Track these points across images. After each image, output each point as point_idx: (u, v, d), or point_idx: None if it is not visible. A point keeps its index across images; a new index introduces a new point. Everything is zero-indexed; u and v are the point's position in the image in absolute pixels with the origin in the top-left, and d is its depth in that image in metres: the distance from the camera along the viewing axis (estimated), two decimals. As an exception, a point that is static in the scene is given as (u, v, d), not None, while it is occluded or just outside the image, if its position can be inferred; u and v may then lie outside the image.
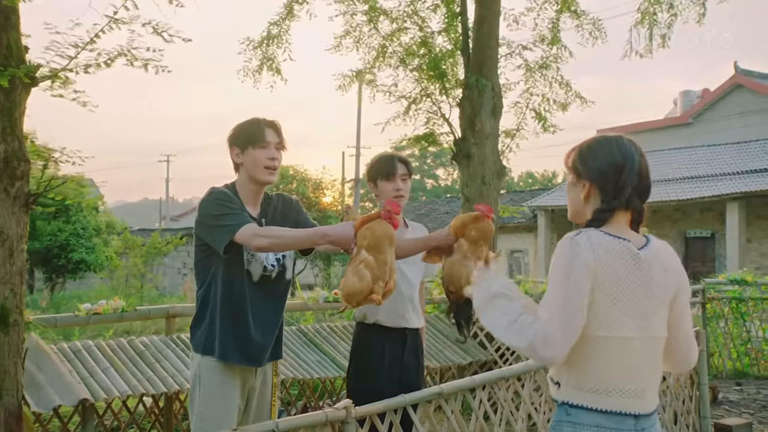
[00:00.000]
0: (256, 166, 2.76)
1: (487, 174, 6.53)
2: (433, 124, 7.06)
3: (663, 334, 1.98)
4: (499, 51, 6.99)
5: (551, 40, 7.84)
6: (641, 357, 1.94)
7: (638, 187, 1.98)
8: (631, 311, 1.90)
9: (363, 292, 2.43)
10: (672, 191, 21.98)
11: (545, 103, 7.46)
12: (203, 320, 2.72)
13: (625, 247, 1.92)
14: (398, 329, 3.31)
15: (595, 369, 1.92)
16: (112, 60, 4.73)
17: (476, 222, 2.86)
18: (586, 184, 2.00)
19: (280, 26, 7.66)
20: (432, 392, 3.24)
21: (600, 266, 1.87)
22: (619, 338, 1.89)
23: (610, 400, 1.92)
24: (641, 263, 1.93)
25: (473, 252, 2.86)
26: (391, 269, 2.48)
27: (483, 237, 2.86)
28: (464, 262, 2.85)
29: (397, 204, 2.53)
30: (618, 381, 1.92)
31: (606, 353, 1.90)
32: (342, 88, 7.94)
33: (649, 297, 1.93)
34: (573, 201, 2.07)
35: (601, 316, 1.88)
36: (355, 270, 2.44)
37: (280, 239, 2.56)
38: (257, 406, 2.83)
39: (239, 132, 2.79)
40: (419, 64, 7.06)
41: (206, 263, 2.71)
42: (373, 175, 3.40)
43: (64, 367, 4.33)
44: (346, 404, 2.81)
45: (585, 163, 2.01)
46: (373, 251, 2.43)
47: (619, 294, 1.89)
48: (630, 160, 1.97)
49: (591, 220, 1.98)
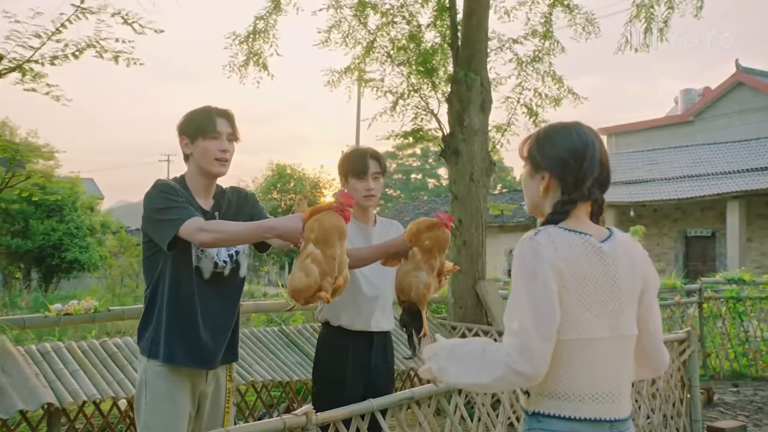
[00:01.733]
0: (207, 158, 2.61)
1: (476, 171, 6.37)
2: (421, 120, 6.91)
3: (633, 332, 1.84)
4: (489, 45, 6.84)
5: (544, 34, 7.70)
6: (613, 358, 1.80)
7: (599, 177, 1.84)
8: (600, 310, 1.77)
9: (310, 288, 2.27)
10: (672, 190, 21.81)
11: (537, 98, 7.29)
12: (150, 321, 2.56)
13: (587, 242, 1.79)
14: (364, 332, 3.15)
15: (566, 374, 1.78)
16: (80, 51, 4.60)
17: (431, 230, 2.75)
18: (546, 175, 1.85)
19: (266, 21, 7.50)
20: (403, 396, 3.08)
21: (564, 265, 1.74)
22: (590, 340, 1.76)
23: (583, 407, 1.78)
24: (605, 258, 1.79)
25: (426, 261, 2.77)
26: (341, 264, 2.33)
27: (437, 246, 2.76)
28: (415, 273, 2.77)
29: (350, 196, 2.38)
30: (590, 385, 1.78)
31: (576, 357, 1.77)
32: (330, 84, 7.79)
33: (617, 293, 1.79)
34: (531, 195, 1.91)
35: (570, 318, 1.75)
36: (302, 265, 2.28)
37: (224, 234, 2.41)
38: (210, 412, 2.67)
39: (189, 121, 2.62)
40: (407, 59, 6.90)
41: (153, 261, 2.56)
42: (344, 171, 3.23)
43: (30, 370, 4.18)
44: (306, 410, 2.66)
45: (543, 152, 1.86)
46: (321, 245, 2.28)
47: (586, 293, 1.75)
48: (591, 146, 1.82)
49: (552, 214, 1.83)
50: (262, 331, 5.44)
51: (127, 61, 4.68)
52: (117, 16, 4.41)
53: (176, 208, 2.43)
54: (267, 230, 2.42)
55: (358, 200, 3.19)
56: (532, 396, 1.85)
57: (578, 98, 7.90)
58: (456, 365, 1.82)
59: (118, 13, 4.43)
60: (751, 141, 23.03)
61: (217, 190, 2.70)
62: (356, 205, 3.23)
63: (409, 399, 3.09)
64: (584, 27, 7.91)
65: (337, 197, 2.36)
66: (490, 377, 1.72)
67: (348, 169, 3.20)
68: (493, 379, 1.72)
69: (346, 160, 3.24)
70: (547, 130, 1.90)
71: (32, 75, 4.55)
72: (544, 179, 1.85)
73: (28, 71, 4.30)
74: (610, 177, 1.88)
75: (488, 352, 1.75)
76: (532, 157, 1.89)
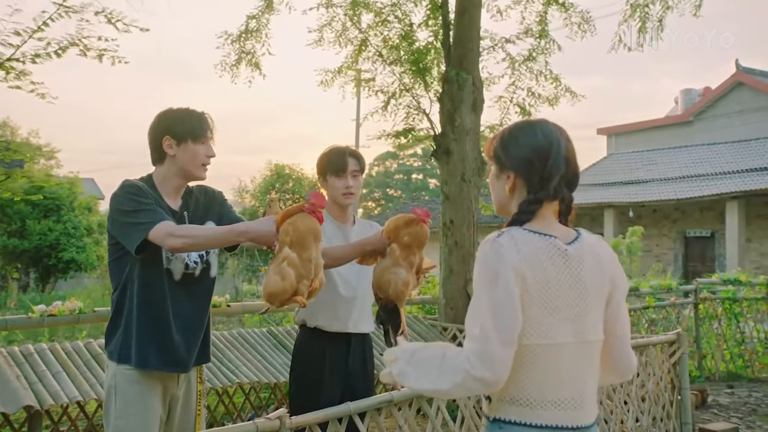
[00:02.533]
0: (194, 162, 2.57)
1: (468, 171, 6.32)
2: (412, 119, 6.86)
3: (598, 337, 1.79)
4: (481, 44, 6.79)
5: (539, 33, 7.65)
6: (576, 364, 1.74)
7: (566, 175, 1.79)
8: (563, 315, 1.71)
9: (286, 291, 2.26)
10: (671, 190, 21.75)
11: (530, 98, 7.24)
12: (119, 326, 2.51)
13: (552, 244, 1.73)
14: (341, 334, 3.10)
15: (527, 380, 1.72)
16: (62, 50, 4.56)
17: (409, 226, 2.72)
18: (511, 174, 1.81)
19: (259, 20, 7.46)
20: (381, 400, 3.03)
21: (527, 268, 1.68)
22: (552, 345, 1.70)
23: (545, 413, 1.72)
24: (570, 260, 1.73)
25: (405, 258, 2.73)
26: (317, 267, 2.32)
27: (416, 242, 2.72)
28: (394, 269, 2.73)
29: (322, 196, 2.34)
30: (552, 391, 1.72)
31: (538, 362, 1.71)
32: (324, 84, 7.74)
33: (582, 297, 1.73)
34: (497, 195, 1.88)
35: (532, 322, 1.69)
36: (278, 268, 2.26)
37: (195, 239, 2.37)
38: (181, 416, 2.62)
39: (178, 122, 2.55)
40: (398, 58, 6.85)
41: (121, 263, 2.50)
42: (322, 169, 3.19)
43: (11, 372, 4.14)
44: (279, 413, 2.61)
45: (507, 151, 1.82)
46: (297, 248, 2.26)
47: (549, 297, 1.70)
48: (556, 144, 1.78)
49: (518, 213, 1.78)
50: (250, 332, 5.40)
51: (112, 60, 4.65)
52: (100, 15, 4.36)
53: (144, 211, 2.38)
54: (239, 234, 2.39)
55: (337, 198, 3.15)
56: (493, 402, 1.79)
57: (576, 96, 7.85)
58: (416, 370, 1.77)
59: (102, 12, 4.38)
60: (750, 141, 22.98)
61: (184, 190, 2.65)
62: (335, 204, 3.19)
63: (388, 402, 3.05)
64: (580, 26, 7.87)
65: (309, 198, 2.32)
66: (450, 383, 1.68)
67: (327, 168, 3.16)
68: (452, 386, 1.67)
69: (325, 158, 3.20)
70: (511, 128, 1.86)
71: (16, 73, 4.50)
72: (510, 179, 1.81)
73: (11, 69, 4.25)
74: (578, 175, 1.84)
75: (448, 357, 1.71)
76: (497, 157, 1.85)
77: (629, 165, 25.55)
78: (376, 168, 55.34)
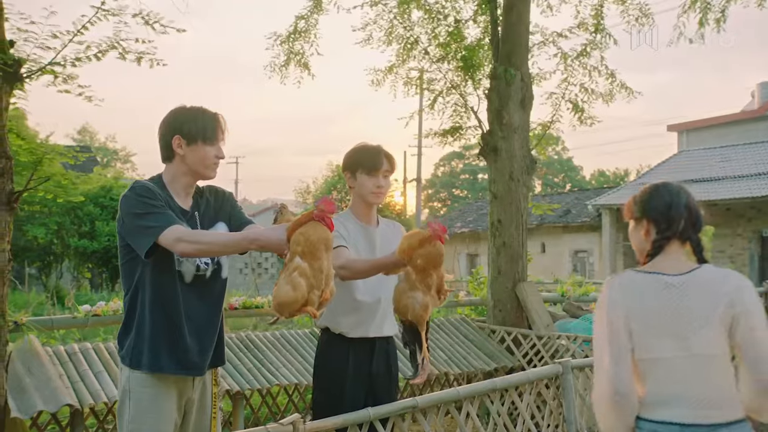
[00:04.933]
0: (205, 162, 2.55)
1: (516, 169, 6.15)
2: (460, 117, 6.73)
3: (709, 351, 2.15)
4: (531, 39, 6.61)
5: (595, 27, 7.40)
6: (688, 372, 2.15)
7: (689, 218, 2.28)
8: (662, 333, 2.17)
9: (297, 302, 2.23)
10: (746, 188, 20.84)
11: (583, 94, 7.01)
12: (130, 329, 2.49)
13: (656, 279, 2.22)
14: (365, 338, 3.02)
15: (646, 386, 2.20)
16: (102, 53, 4.62)
17: (422, 246, 2.62)
18: (644, 222, 2.33)
19: (307, 20, 7.46)
20: (405, 405, 2.95)
21: (629, 300, 2.20)
22: (657, 359, 2.17)
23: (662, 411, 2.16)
24: (672, 290, 2.19)
25: (422, 281, 2.67)
26: (328, 277, 2.29)
27: (431, 264, 2.64)
28: (411, 293, 2.68)
29: (332, 202, 2.28)
30: (669, 394, 2.16)
31: (652, 373, 2.18)
32: (375, 83, 7.68)
33: (681, 318, 2.16)
34: (637, 243, 2.38)
35: (639, 341, 2.18)
36: (289, 278, 2.23)
37: (206, 245, 2.36)
38: (196, 419, 2.58)
39: (189, 121, 2.52)
40: (446, 54, 6.74)
41: (132, 265, 2.48)
42: (352, 166, 3.11)
43: (54, 371, 4.22)
44: (293, 419, 2.56)
45: (641, 207, 2.35)
46: (308, 258, 2.23)
47: (648, 320, 2.17)
48: (677, 197, 2.30)
49: (649, 250, 2.29)
50: (293, 333, 5.38)
51: (151, 62, 4.67)
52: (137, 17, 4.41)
53: (155, 214, 2.36)
54: (250, 242, 2.38)
55: (366, 196, 3.08)
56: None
57: (632, 93, 7.57)
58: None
59: (139, 14, 4.43)
60: (832, 136, 21.85)
61: (195, 190, 2.62)
62: (361, 203, 3.12)
63: (412, 408, 2.96)
64: (638, 18, 7.59)
65: (318, 204, 2.27)
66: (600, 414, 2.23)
67: (358, 164, 3.09)
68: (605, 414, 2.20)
69: (357, 154, 3.12)
70: (643, 192, 2.38)
71: (63, 77, 4.59)
72: (644, 226, 2.33)
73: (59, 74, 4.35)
74: (701, 219, 2.31)
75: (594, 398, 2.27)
76: (632, 212, 2.39)
77: (701, 162, 24.63)
78: (441, 168, 55.08)
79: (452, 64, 6.70)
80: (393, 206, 27.64)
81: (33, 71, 4.14)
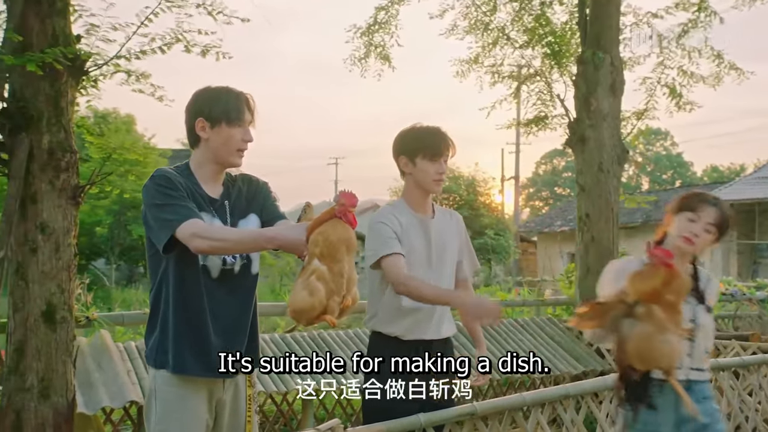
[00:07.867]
0: (228, 147, 2.34)
1: (606, 159, 5.74)
2: (545, 105, 6.37)
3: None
4: (622, 20, 6.17)
5: (698, 5, 6.85)
6: None
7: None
8: None
9: (314, 309, 2.02)
10: None
11: (682, 77, 6.49)
12: (155, 328, 2.34)
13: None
14: (421, 341, 2.77)
15: None
16: (168, 45, 4.58)
17: (670, 283, 2.29)
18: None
19: (388, 11, 7.28)
20: (462, 411, 2.70)
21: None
22: None
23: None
24: None
25: (672, 320, 2.28)
26: (350, 281, 2.07)
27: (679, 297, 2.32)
28: (662, 336, 2.27)
29: (353, 196, 2.05)
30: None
31: None
32: (459, 75, 7.42)
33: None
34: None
35: None
36: (306, 283, 2.03)
37: (222, 242, 2.18)
38: (229, 422, 2.41)
39: (211, 102, 2.33)
40: (530, 40, 6.39)
41: (156, 260, 2.33)
42: (412, 150, 2.81)
43: (123, 367, 4.20)
44: (332, 424, 2.36)
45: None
46: (327, 260, 2.02)
47: None
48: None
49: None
50: (358, 333, 5.19)
51: (216, 55, 4.60)
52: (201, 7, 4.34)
53: (173, 206, 2.20)
54: (268, 240, 2.20)
55: (427, 184, 2.80)
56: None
57: (742, 74, 6.97)
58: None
59: (202, 4, 4.35)
60: None
61: (226, 177, 2.44)
62: (418, 190, 2.85)
63: (470, 414, 2.70)
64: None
65: (339, 198, 2.05)
66: None
67: (419, 149, 2.79)
68: None
69: (417, 137, 2.83)
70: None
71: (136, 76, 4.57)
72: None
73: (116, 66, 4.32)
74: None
75: None
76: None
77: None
78: (543, 166, 53.87)
79: (536, 50, 6.34)
80: (491, 205, 27.17)
81: (99, 65, 4.13)
